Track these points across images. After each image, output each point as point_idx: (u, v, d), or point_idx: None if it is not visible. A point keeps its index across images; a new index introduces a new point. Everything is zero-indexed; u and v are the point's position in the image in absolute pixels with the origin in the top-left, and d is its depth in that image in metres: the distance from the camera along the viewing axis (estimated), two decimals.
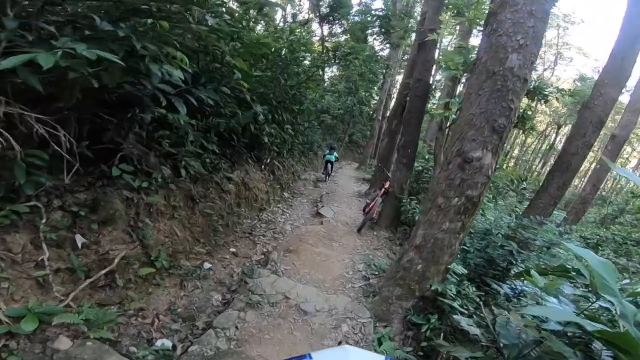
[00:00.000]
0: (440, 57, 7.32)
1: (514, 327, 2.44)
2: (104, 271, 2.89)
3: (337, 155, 11.95)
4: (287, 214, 7.14)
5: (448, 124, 6.10)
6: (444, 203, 3.44)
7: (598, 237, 9.21)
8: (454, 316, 3.08)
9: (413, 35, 10.71)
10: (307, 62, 9.52)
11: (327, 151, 11.78)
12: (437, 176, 3.83)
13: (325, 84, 21.84)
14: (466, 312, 3.24)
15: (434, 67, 7.54)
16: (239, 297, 3.60)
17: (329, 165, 11.76)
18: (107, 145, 3.26)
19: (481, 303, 3.33)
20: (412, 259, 3.69)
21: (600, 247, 8.28)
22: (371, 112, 30.46)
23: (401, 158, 6.54)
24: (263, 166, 7.27)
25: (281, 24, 13.93)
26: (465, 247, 4.33)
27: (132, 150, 3.39)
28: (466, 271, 3.71)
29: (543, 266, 3.65)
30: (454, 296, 3.42)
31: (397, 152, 6.74)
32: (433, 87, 11.16)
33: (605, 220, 12.98)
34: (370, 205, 6.91)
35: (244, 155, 6.19)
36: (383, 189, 7.01)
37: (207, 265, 4.19)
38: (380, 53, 25.02)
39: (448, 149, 3.67)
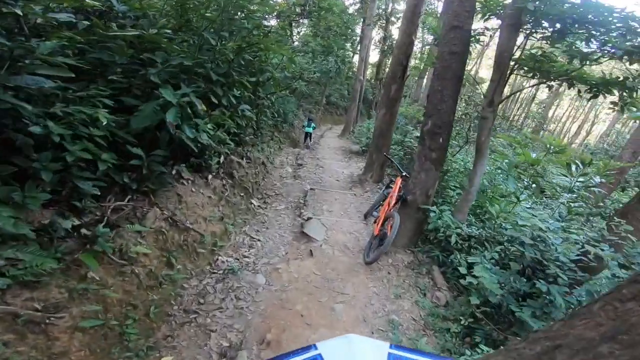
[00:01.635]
0: None
1: None
2: None
3: (314, 126, 12.60)
4: (258, 244, 4.87)
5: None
6: None
7: None
8: None
9: None
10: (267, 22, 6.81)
11: (306, 123, 12.21)
12: None
13: (295, 44, 18.66)
14: None
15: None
16: None
17: (308, 137, 12.17)
18: None
19: None
20: None
21: None
22: (347, 71, 27.65)
23: (428, 151, 4.27)
24: (210, 177, 4.85)
25: None
26: None
27: None
28: None
29: None
30: None
31: (421, 141, 4.44)
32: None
33: None
34: (379, 219, 4.75)
35: (166, 177, 3.72)
36: (396, 195, 4.81)
37: None
38: (353, 7, 21.89)
39: None
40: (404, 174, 5.02)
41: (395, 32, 21.92)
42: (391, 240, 4.12)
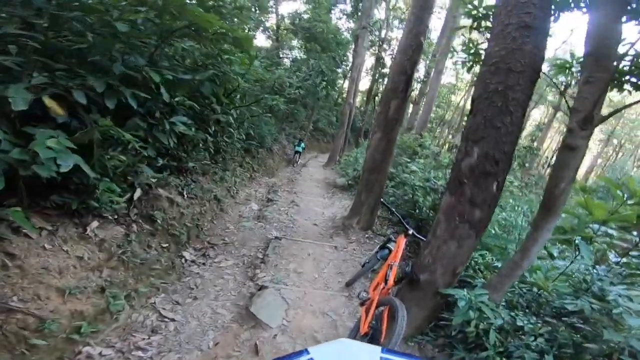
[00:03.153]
0: None
1: None
2: None
3: (304, 146, 14.37)
4: (171, 326, 2.97)
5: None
6: None
7: None
8: None
9: None
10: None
11: (296, 142, 14.26)
12: None
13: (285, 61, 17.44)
14: None
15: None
16: None
17: (297, 155, 13.94)
18: None
19: None
20: None
21: None
22: (337, 97, 26.61)
23: (467, 206, 2.57)
24: (94, 225, 3.01)
25: None
26: None
27: None
28: None
29: None
30: None
31: (454, 187, 2.67)
32: None
33: None
34: (369, 304, 2.88)
35: None
36: (398, 265, 2.99)
37: None
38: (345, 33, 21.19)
39: None
40: (410, 231, 3.25)
41: (388, 61, 21.10)
42: (381, 331, 2.33)
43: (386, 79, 14.45)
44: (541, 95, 22.29)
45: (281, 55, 19.28)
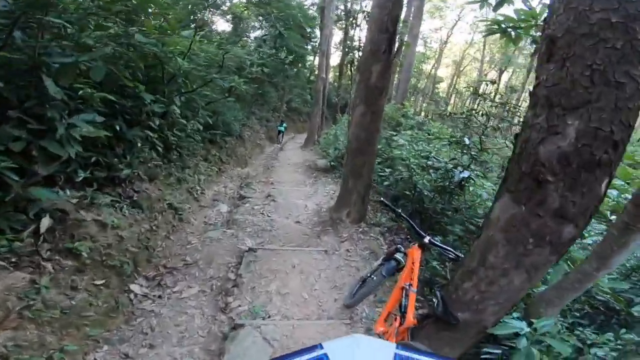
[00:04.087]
0: None
1: None
2: None
3: (285, 126, 15.57)
4: None
5: None
6: None
7: None
8: None
9: None
10: None
11: (278, 123, 15.31)
12: None
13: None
14: None
15: None
16: None
17: (280, 134, 14.97)
18: None
19: None
20: None
21: None
22: (309, 74, 25.10)
23: (548, 217, 1.51)
24: None
25: None
26: None
27: None
28: None
29: None
30: None
31: (519, 186, 1.68)
32: None
33: None
34: None
35: None
36: (414, 291, 2.09)
37: None
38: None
39: None
40: (426, 239, 2.33)
41: (358, 35, 19.70)
42: None
43: (359, 52, 13.17)
44: None
45: (242, 37, 17.60)
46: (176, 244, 4.13)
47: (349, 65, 24.70)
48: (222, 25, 17.87)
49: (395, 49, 4.11)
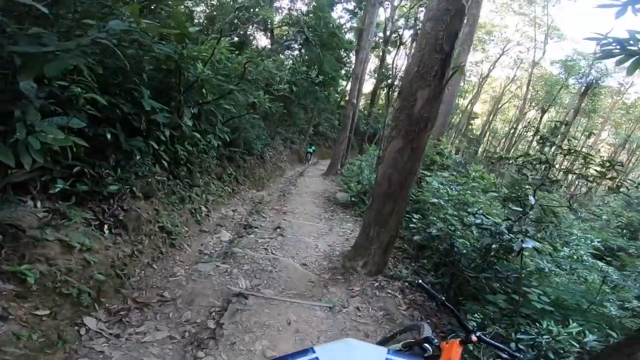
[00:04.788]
0: None
1: None
2: None
3: (314, 149, 17.35)
4: None
5: None
6: None
7: None
8: None
9: None
10: None
11: (308, 146, 17.20)
12: None
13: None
14: None
15: None
16: None
17: (309, 154, 16.73)
18: None
19: None
20: None
21: None
22: (339, 99, 24.98)
23: None
24: None
25: None
26: None
27: None
28: None
29: None
30: None
31: None
32: None
33: None
34: None
35: None
36: None
37: None
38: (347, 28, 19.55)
39: None
40: (473, 335, 1.60)
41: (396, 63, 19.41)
42: None
43: (398, 81, 12.63)
44: None
45: (279, 54, 17.77)
46: (158, 274, 3.55)
47: (382, 93, 24.38)
48: (263, 41, 18.20)
49: (450, 74, 3.48)
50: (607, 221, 9.94)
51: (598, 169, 3.02)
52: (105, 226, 3.29)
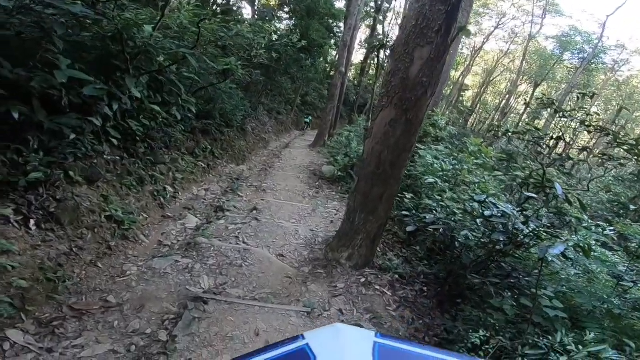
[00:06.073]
0: None
1: None
2: None
3: (311, 119, 19.23)
4: None
5: None
6: None
7: None
8: None
9: None
10: None
11: (305, 116, 19.16)
12: None
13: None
14: None
15: None
16: None
17: (306, 124, 18.45)
18: None
19: None
20: None
21: None
22: (329, 69, 23.70)
23: None
24: None
25: None
26: None
27: None
28: None
29: None
30: None
31: None
32: None
33: None
34: None
35: None
36: None
37: None
38: None
39: None
40: None
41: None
42: None
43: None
44: None
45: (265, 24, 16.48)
46: (103, 274, 2.98)
47: (372, 64, 23.24)
48: (250, 12, 16.83)
49: (455, 32, 2.80)
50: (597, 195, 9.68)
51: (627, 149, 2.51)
52: (32, 222, 2.68)
